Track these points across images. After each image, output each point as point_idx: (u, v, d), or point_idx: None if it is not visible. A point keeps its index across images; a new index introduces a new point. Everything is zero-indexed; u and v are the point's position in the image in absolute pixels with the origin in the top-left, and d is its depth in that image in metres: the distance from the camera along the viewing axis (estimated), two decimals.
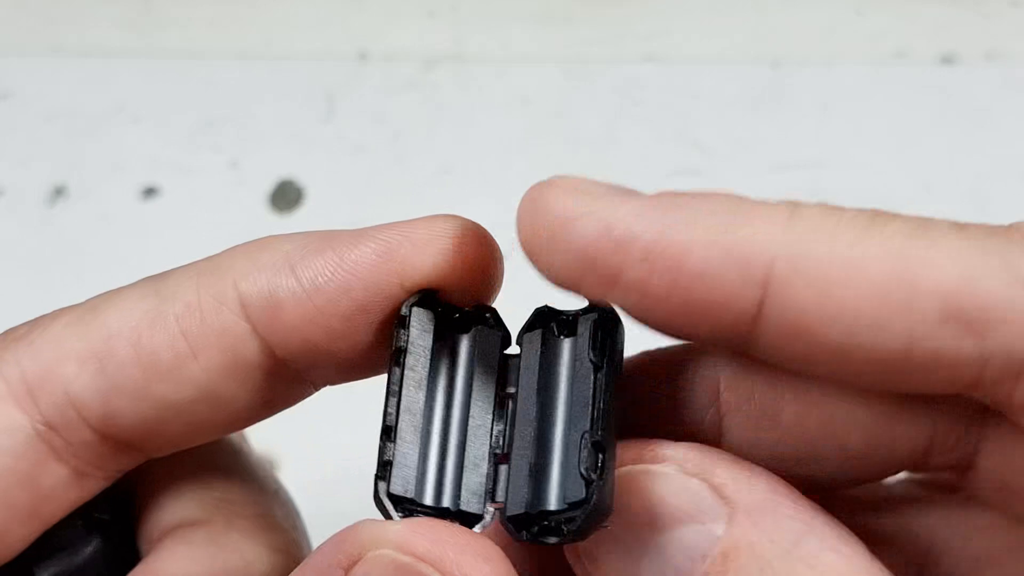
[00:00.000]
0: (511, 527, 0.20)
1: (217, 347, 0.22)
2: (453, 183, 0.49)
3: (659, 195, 0.19)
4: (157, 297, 0.22)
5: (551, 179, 0.20)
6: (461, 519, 0.20)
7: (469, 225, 0.22)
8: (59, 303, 0.24)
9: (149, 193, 0.49)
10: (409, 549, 0.19)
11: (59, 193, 0.49)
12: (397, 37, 0.54)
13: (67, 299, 0.24)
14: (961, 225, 0.19)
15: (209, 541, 0.24)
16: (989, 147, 0.49)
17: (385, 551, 0.19)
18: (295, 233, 0.22)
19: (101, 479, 0.23)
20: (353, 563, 0.19)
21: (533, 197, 0.20)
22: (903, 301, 0.18)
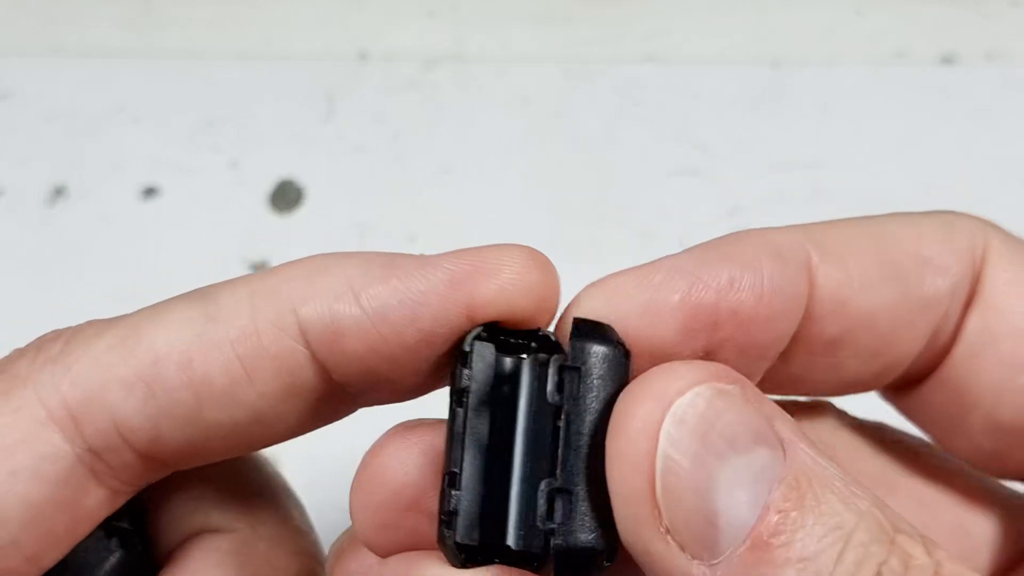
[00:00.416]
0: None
1: (274, 372, 0.21)
2: (453, 183, 0.49)
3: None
4: (207, 319, 0.21)
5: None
6: (525, 559, 0.20)
7: (534, 254, 0.21)
8: (59, 303, 0.24)
9: (149, 193, 0.49)
10: None
11: (59, 193, 0.49)
12: (397, 37, 0.54)
13: (67, 299, 0.24)
14: None
15: (236, 550, 0.23)
16: (989, 147, 0.49)
17: None
18: (353, 254, 0.22)
19: (130, 493, 0.23)
20: None
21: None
22: (890, 260, 0.22)
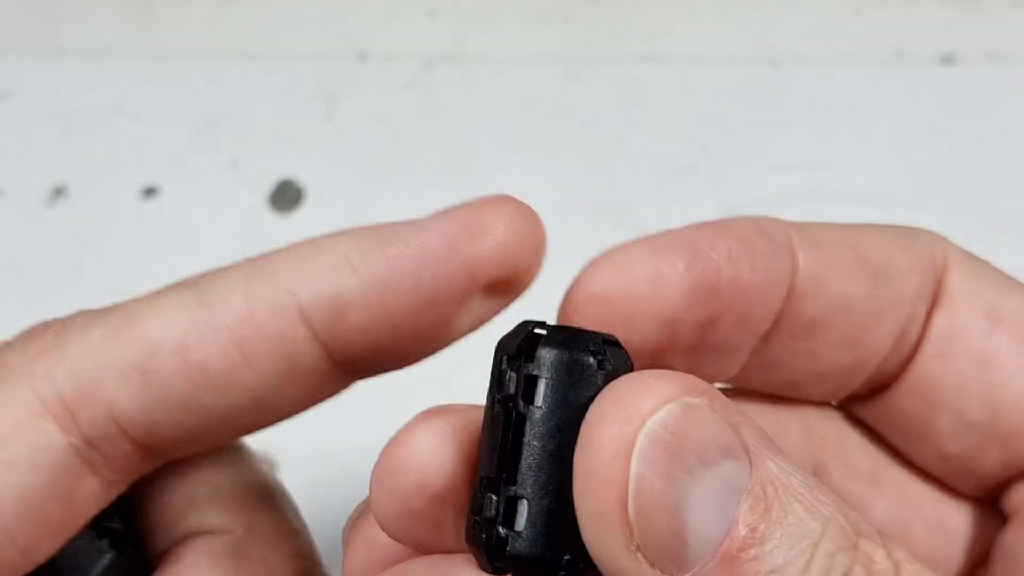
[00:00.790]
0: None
1: (272, 355, 0.21)
2: (453, 183, 0.49)
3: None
4: (202, 305, 0.21)
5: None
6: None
7: (522, 206, 0.21)
8: (59, 303, 0.23)
9: (149, 193, 0.49)
10: None
11: (59, 193, 0.49)
12: (397, 37, 0.54)
13: (67, 299, 0.24)
14: None
15: (232, 551, 0.23)
16: (989, 147, 0.49)
17: None
18: (342, 231, 0.22)
19: (123, 485, 0.23)
20: None
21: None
22: (858, 256, 0.23)
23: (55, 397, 0.21)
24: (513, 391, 0.19)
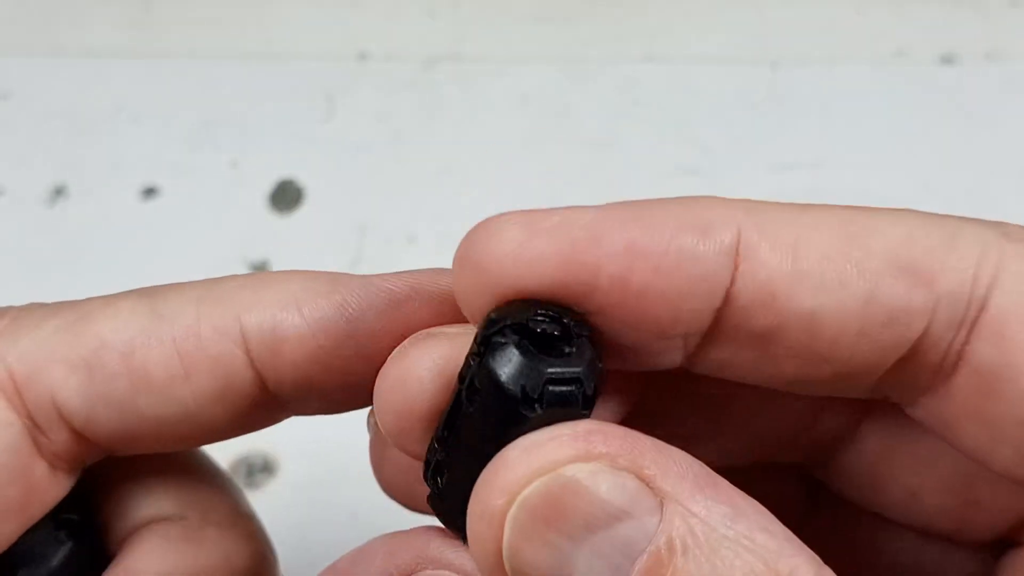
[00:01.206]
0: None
1: (210, 373, 0.22)
2: (453, 183, 0.49)
3: (608, 204, 0.21)
4: (154, 314, 0.22)
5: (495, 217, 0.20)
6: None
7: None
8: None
9: (149, 193, 0.49)
10: None
11: (59, 193, 0.49)
12: (397, 37, 0.54)
13: (67, 299, 0.24)
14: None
15: (186, 536, 0.24)
16: (989, 147, 0.49)
17: None
18: (297, 271, 0.23)
19: (69, 474, 0.24)
20: None
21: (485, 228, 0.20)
22: (859, 259, 0.19)
23: (7, 377, 0.22)
24: (467, 376, 0.19)
